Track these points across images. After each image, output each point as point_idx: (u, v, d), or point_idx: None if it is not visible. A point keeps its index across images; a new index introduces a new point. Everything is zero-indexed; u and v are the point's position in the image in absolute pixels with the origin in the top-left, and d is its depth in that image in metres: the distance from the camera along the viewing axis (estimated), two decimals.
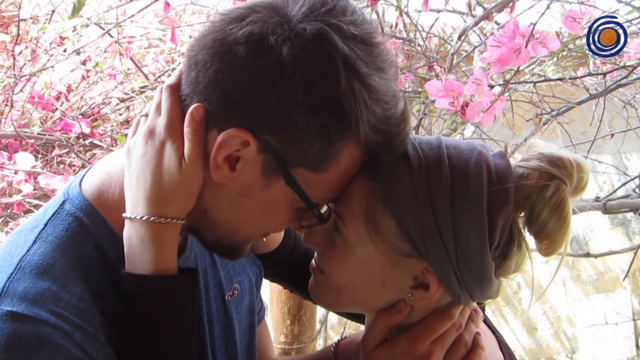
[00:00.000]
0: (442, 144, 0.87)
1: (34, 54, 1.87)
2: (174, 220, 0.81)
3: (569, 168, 0.84)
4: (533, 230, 0.85)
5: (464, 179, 0.83)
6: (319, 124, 0.76)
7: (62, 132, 1.85)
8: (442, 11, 2.48)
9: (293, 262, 1.20)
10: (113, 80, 2.16)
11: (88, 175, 0.89)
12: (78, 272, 0.78)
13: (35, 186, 1.74)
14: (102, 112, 2.03)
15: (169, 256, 0.81)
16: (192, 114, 0.78)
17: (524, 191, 0.85)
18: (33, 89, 2.06)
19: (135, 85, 2.07)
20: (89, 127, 1.89)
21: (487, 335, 0.99)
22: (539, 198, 0.84)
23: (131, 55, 2.15)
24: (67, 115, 1.82)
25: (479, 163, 0.84)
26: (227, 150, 0.78)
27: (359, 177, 0.86)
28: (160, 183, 0.80)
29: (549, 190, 0.83)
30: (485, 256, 0.84)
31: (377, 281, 0.89)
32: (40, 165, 1.77)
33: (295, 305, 1.70)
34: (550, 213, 0.83)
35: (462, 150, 0.86)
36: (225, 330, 1.04)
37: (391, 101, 0.80)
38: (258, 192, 0.81)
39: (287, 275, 1.24)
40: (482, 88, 1.32)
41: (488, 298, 0.92)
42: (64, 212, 0.83)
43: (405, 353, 0.91)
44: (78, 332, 0.73)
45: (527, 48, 1.36)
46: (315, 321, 1.81)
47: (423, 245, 0.83)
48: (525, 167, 0.86)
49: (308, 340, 1.76)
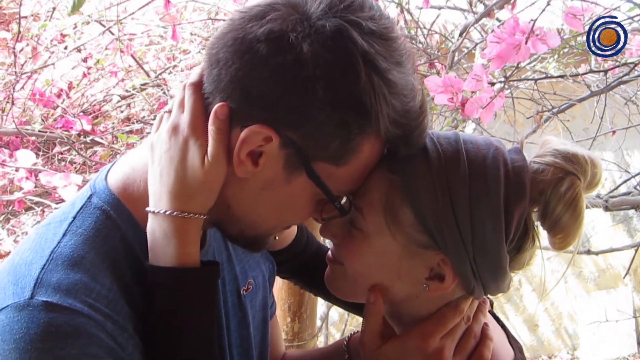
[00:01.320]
0: (460, 138, 0.89)
1: (35, 52, 1.87)
2: (196, 215, 0.83)
3: (583, 164, 0.86)
4: (547, 225, 0.87)
5: (481, 173, 0.85)
6: (340, 118, 0.77)
7: (63, 130, 1.85)
8: (443, 8, 2.48)
9: (305, 259, 1.22)
10: (114, 78, 2.16)
11: (113, 169, 0.91)
12: (106, 264, 0.80)
13: (37, 183, 1.74)
14: (103, 110, 2.04)
15: (191, 249, 0.83)
16: (216, 112, 0.79)
17: (539, 186, 0.86)
18: (34, 86, 2.07)
19: (136, 82, 2.07)
20: (90, 124, 1.90)
21: (495, 327, 1.00)
22: (554, 193, 0.86)
23: (132, 52, 2.15)
24: (68, 113, 1.82)
25: (496, 158, 0.86)
26: (250, 146, 0.79)
27: (378, 169, 0.87)
28: (183, 179, 0.82)
29: (563, 186, 0.85)
30: (501, 249, 0.86)
31: (393, 272, 0.90)
32: (41, 163, 1.77)
33: (296, 302, 1.71)
34: (564, 208, 0.85)
35: (479, 145, 0.88)
36: (240, 324, 1.05)
37: (410, 95, 0.81)
38: (280, 186, 0.83)
39: (298, 272, 1.26)
40: (481, 84, 1.32)
41: (500, 291, 0.93)
42: (92, 206, 0.85)
43: (416, 348, 0.92)
44: (109, 322, 0.76)
45: (527, 44, 1.36)
46: (315, 318, 1.81)
47: (441, 237, 0.85)
48: (541, 162, 0.88)
49: (309, 338, 1.76)
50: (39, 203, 1.84)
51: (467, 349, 0.93)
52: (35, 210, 1.82)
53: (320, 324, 2.95)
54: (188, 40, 2.35)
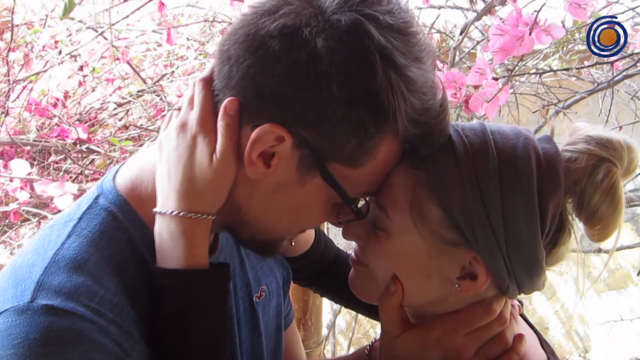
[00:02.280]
0: (487, 129, 0.85)
1: (27, 58, 1.85)
2: (204, 215, 0.80)
3: (619, 149, 0.82)
4: (584, 216, 0.83)
5: (512, 164, 0.81)
6: (356, 118, 0.74)
7: (58, 139, 1.82)
8: (443, 7, 2.45)
9: (323, 266, 1.18)
10: (111, 85, 2.14)
11: (122, 169, 0.88)
12: (112, 267, 0.78)
13: (32, 194, 1.71)
14: (100, 118, 2.01)
15: (200, 251, 0.80)
16: (225, 107, 0.77)
17: (572, 176, 0.82)
18: (30, 96, 2.04)
19: (133, 89, 2.04)
20: (86, 132, 1.87)
21: (528, 331, 0.96)
22: (590, 182, 0.81)
23: (128, 59, 2.13)
24: (63, 121, 1.79)
25: (526, 147, 0.82)
26: (262, 146, 0.76)
27: (400, 166, 0.84)
28: (191, 178, 0.79)
29: (599, 174, 0.81)
30: (537, 244, 0.81)
31: (422, 272, 0.86)
32: (36, 172, 1.74)
33: (300, 309, 1.66)
34: (602, 197, 0.81)
35: (507, 135, 0.84)
36: (252, 332, 1.02)
37: (429, 92, 0.78)
38: (294, 188, 0.80)
39: (317, 279, 1.22)
40: (485, 77, 1.28)
41: (535, 289, 0.88)
42: (98, 207, 0.83)
43: (437, 340, 0.88)
44: (113, 327, 0.73)
45: (531, 36, 1.32)
46: (321, 325, 1.77)
47: (471, 233, 0.81)
48: (573, 150, 0.83)
49: (314, 345, 1.72)
50: (36, 214, 1.81)
51: (491, 355, 0.88)
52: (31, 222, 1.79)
53: (327, 333, 2.91)
54: (185, 47, 2.32)
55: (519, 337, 0.91)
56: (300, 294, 1.64)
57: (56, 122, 1.87)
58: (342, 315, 3.27)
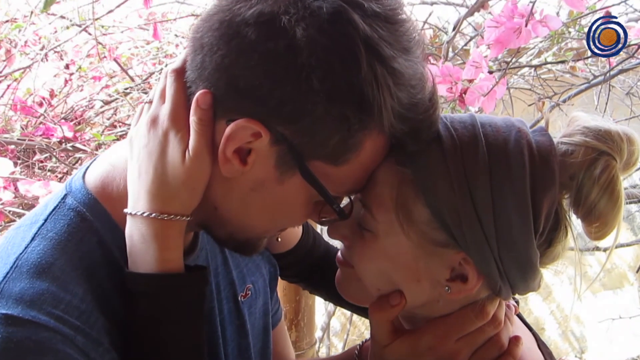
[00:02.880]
0: (477, 121, 0.80)
1: (9, 54, 1.80)
2: (177, 216, 0.75)
3: (618, 142, 0.77)
4: (581, 213, 0.78)
5: (503, 159, 0.76)
6: (338, 113, 0.70)
7: (43, 137, 1.78)
8: (436, 3, 2.42)
9: (312, 261, 1.14)
10: (98, 83, 2.09)
11: (92, 167, 0.83)
12: (80, 271, 0.73)
13: (16, 194, 1.67)
14: (86, 116, 1.96)
15: (173, 255, 0.76)
16: (197, 101, 0.72)
17: (569, 170, 0.77)
18: (15, 95, 2.00)
19: (120, 87, 2.00)
20: (72, 131, 1.82)
21: (524, 331, 0.91)
22: (587, 176, 0.77)
23: (115, 56, 2.08)
24: (48, 119, 1.74)
25: (518, 141, 0.77)
26: (237, 143, 0.72)
27: (386, 162, 0.79)
28: (162, 177, 0.74)
29: (597, 168, 0.76)
30: (530, 244, 0.77)
31: (410, 275, 0.82)
32: (19, 171, 1.69)
33: (292, 309, 1.62)
34: (600, 192, 0.76)
35: (499, 128, 0.79)
36: (238, 333, 0.98)
37: (418, 85, 0.73)
38: (272, 187, 0.75)
39: (305, 276, 1.18)
40: (481, 71, 1.25)
41: (530, 290, 0.84)
42: (66, 207, 0.78)
43: (429, 348, 0.83)
44: (80, 335, 0.69)
45: (527, 27, 1.29)
46: (314, 326, 1.73)
47: (460, 234, 0.76)
48: (569, 143, 0.79)
49: (307, 347, 1.68)
50: (21, 215, 1.76)
51: (486, 359, 0.84)
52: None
53: (321, 334, 2.87)
54: (174, 44, 2.28)
55: (514, 339, 0.86)
56: (292, 294, 1.60)
57: (41, 120, 1.82)
58: (337, 317, 3.23)
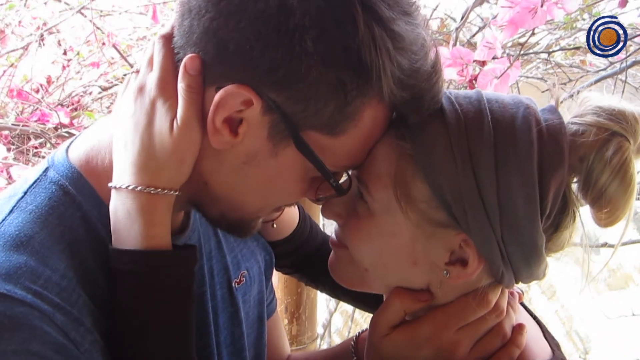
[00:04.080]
0: (483, 97, 0.75)
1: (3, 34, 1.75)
2: (165, 190, 0.70)
3: (632, 122, 0.72)
4: (590, 197, 0.74)
5: (509, 137, 0.71)
6: (334, 78, 0.65)
7: (38, 123, 1.72)
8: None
9: (308, 251, 1.10)
10: (96, 70, 2.04)
11: (77, 140, 0.79)
12: (62, 246, 0.68)
13: (9, 180, 1.61)
14: (83, 102, 1.91)
15: (160, 230, 0.71)
16: (185, 66, 0.67)
17: (579, 151, 0.73)
18: (11, 82, 1.94)
19: (119, 73, 1.94)
20: (68, 117, 1.77)
21: (529, 321, 0.86)
22: (598, 158, 0.72)
23: (114, 42, 2.03)
24: (43, 104, 1.69)
25: (526, 118, 0.72)
26: (227, 111, 0.67)
27: (385, 137, 0.75)
28: (149, 148, 0.70)
29: (609, 149, 0.72)
30: (536, 227, 0.72)
31: (407, 257, 0.77)
32: (13, 157, 1.64)
33: (294, 302, 1.57)
34: (611, 176, 0.71)
35: (506, 104, 0.74)
36: (231, 320, 0.94)
37: (420, 51, 0.68)
38: (265, 159, 0.71)
39: (302, 266, 1.13)
40: (494, 52, 1.19)
41: (535, 278, 0.79)
42: (47, 180, 0.73)
43: (428, 338, 0.79)
44: (59, 313, 0.64)
45: (543, 8, 1.23)
46: (315, 320, 1.67)
47: (462, 213, 0.71)
48: (580, 123, 0.74)
49: (308, 341, 1.62)
50: None
51: (488, 349, 0.79)
52: None
53: (323, 332, 2.81)
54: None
55: (518, 327, 0.82)
56: (293, 286, 1.55)
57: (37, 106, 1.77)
58: (339, 313, 3.18)
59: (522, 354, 0.80)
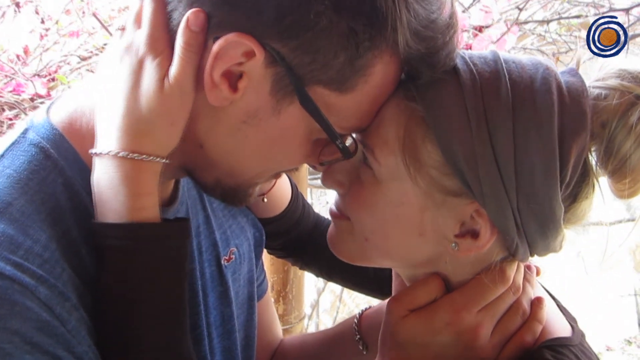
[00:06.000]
0: (499, 57, 0.70)
1: None
2: (152, 157, 0.64)
3: None
4: (612, 166, 0.69)
5: (528, 99, 0.66)
6: (345, 26, 0.60)
7: (13, 93, 1.65)
8: None
9: (300, 232, 1.05)
10: (75, 39, 1.96)
11: (59, 100, 0.73)
12: (43, 215, 0.62)
13: None
14: (61, 72, 1.83)
15: (147, 201, 0.65)
16: (189, 21, 0.61)
17: (601, 116, 0.68)
18: None
19: (99, 42, 1.86)
20: (46, 87, 1.69)
21: (545, 296, 0.82)
22: (622, 124, 0.67)
23: (94, 11, 1.94)
24: (17, 74, 1.61)
25: (546, 79, 0.67)
26: (227, 63, 0.62)
27: (394, 97, 0.69)
28: (135, 109, 0.64)
29: (634, 114, 0.67)
30: (555, 196, 0.67)
31: (413, 227, 0.72)
32: None
33: (280, 280, 1.52)
34: (635, 143, 0.67)
35: (524, 65, 0.69)
36: (220, 300, 0.89)
37: (436, 2, 0.63)
38: (267, 118, 0.65)
39: (294, 248, 1.08)
40: (491, 16, 1.13)
41: (551, 251, 0.74)
42: (27, 142, 0.67)
43: (446, 323, 0.74)
44: (43, 287, 0.59)
45: None
46: (302, 299, 1.63)
47: (476, 181, 0.67)
48: (603, 86, 0.69)
49: (295, 321, 1.58)
50: None
51: (510, 329, 0.75)
52: None
53: (310, 312, 2.78)
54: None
55: (537, 301, 0.77)
56: (279, 264, 1.50)
57: (12, 76, 1.69)
58: (330, 292, 3.15)
59: (542, 331, 0.76)
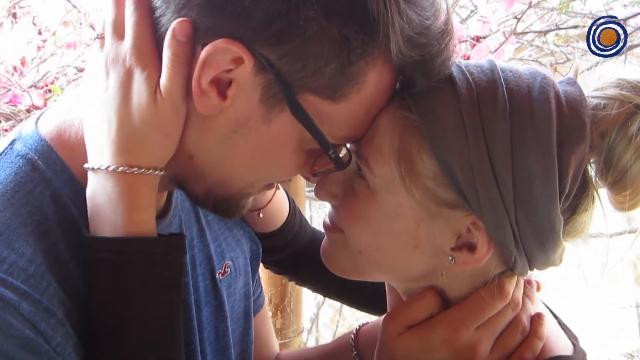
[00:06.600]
0: (496, 66, 0.69)
1: None
2: (149, 170, 0.63)
3: None
4: (611, 178, 0.68)
5: (526, 108, 0.65)
6: (336, 33, 0.58)
7: (10, 104, 1.64)
8: None
9: (297, 248, 1.04)
10: (73, 50, 1.95)
11: (48, 112, 0.72)
12: (29, 228, 0.61)
13: None
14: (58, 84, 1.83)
15: (144, 216, 0.64)
16: (175, 32, 0.60)
17: (600, 126, 0.67)
18: None
19: None
20: (42, 98, 1.69)
21: (545, 312, 0.81)
22: (621, 134, 0.66)
23: (91, 22, 1.94)
24: (14, 85, 1.61)
25: (544, 88, 0.66)
26: (215, 71, 0.60)
27: (389, 106, 0.68)
28: (128, 123, 0.63)
29: (634, 124, 0.66)
30: (554, 208, 0.66)
31: (409, 240, 0.71)
32: None
33: (278, 294, 1.50)
34: (635, 154, 0.66)
35: (521, 74, 0.68)
36: (215, 315, 0.88)
37: (431, 7, 0.62)
38: (257, 127, 0.64)
39: (290, 264, 1.07)
40: (489, 26, 1.13)
41: (551, 265, 0.73)
42: (13, 153, 0.66)
43: (444, 340, 0.73)
44: (26, 302, 0.58)
45: None
46: (301, 313, 1.61)
47: (472, 192, 0.65)
48: (601, 96, 0.68)
49: (293, 335, 1.56)
50: None
51: (509, 346, 0.74)
52: None
53: (310, 325, 2.75)
54: None
55: (537, 317, 0.76)
56: (277, 277, 1.49)
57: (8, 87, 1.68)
58: (329, 305, 3.12)
59: (543, 348, 0.75)
